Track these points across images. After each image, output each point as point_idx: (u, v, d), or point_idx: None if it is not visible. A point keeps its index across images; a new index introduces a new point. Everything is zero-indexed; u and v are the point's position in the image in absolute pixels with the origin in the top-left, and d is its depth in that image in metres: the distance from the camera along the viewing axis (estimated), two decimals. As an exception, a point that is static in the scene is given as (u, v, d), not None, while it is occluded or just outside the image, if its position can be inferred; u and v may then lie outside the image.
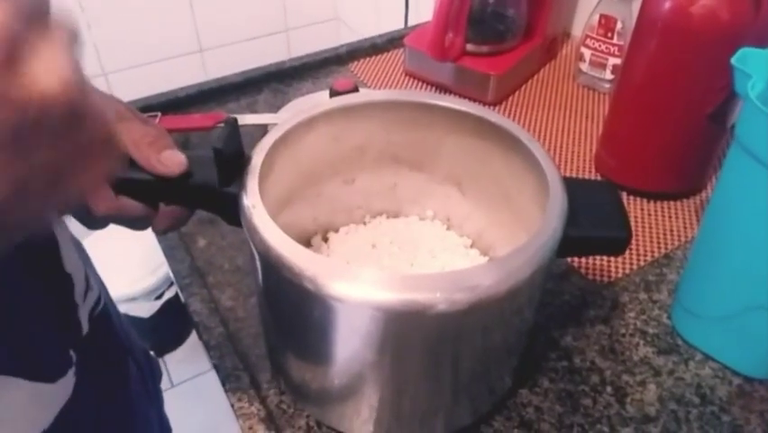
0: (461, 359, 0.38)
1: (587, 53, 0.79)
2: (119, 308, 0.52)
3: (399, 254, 0.49)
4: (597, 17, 0.76)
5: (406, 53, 0.83)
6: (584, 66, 0.80)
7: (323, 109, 0.44)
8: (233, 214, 0.38)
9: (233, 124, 0.37)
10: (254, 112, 0.77)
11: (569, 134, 0.73)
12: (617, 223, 0.40)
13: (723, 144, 0.62)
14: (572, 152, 0.71)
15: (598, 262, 0.57)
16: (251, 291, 0.54)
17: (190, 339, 1.40)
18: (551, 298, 0.54)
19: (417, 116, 0.46)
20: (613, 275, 0.56)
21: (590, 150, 0.71)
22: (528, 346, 0.45)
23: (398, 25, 1.07)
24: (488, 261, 0.49)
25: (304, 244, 0.50)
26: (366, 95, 0.47)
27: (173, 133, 0.45)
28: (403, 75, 0.84)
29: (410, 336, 0.35)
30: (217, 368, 0.47)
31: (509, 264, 0.33)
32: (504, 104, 0.79)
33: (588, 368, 0.49)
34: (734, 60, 0.42)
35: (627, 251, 0.46)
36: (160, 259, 0.78)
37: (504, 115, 0.57)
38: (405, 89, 0.81)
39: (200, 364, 1.45)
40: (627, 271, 0.57)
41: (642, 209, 0.63)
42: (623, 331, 0.51)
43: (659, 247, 0.59)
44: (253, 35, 1.41)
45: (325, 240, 0.52)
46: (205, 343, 0.49)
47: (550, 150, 0.71)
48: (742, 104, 0.42)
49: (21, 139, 0.19)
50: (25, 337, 0.33)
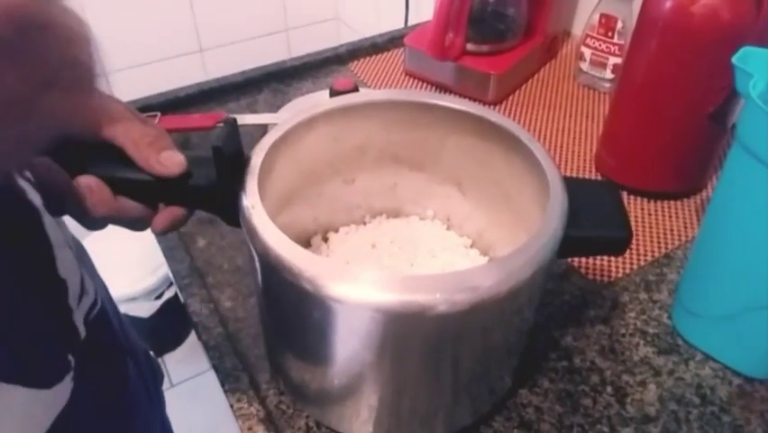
0: (461, 359, 0.38)
1: (587, 53, 0.79)
2: (119, 308, 0.52)
3: (399, 254, 0.49)
4: (597, 16, 0.76)
5: (406, 53, 0.83)
6: (584, 65, 0.80)
7: (323, 109, 0.44)
8: (232, 214, 0.38)
9: (232, 124, 0.37)
10: (254, 112, 0.77)
11: (569, 134, 0.73)
12: (617, 223, 0.40)
13: (724, 144, 0.62)
14: (572, 151, 0.71)
15: (598, 261, 0.57)
16: (250, 292, 0.54)
17: (190, 339, 1.40)
18: (551, 298, 0.54)
19: (417, 116, 0.46)
20: (613, 275, 0.56)
21: (591, 149, 0.71)
22: (528, 346, 0.45)
23: (399, 25, 1.07)
24: (488, 261, 0.49)
25: (304, 244, 0.50)
26: (366, 95, 0.46)
27: (173, 134, 0.45)
28: (403, 75, 0.84)
29: (410, 336, 0.35)
30: (216, 368, 0.47)
31: (510, 265, 0.33)
32: (504, 103, 0.78)
33: (588, 368, 0.48)
34: (735, 60, 0.42)
35: (627, 250, 0.46)
36: (159, 259, 0.77)
37: (504, 115, 0.57)
38: (405, 89, 0.81)
39: (200, 364, 1.45)
40: (628, 271, 0.56)
41: (642, 209, 0.63)
42: (623, 331, 0.51)
43: (659, 247, 0.59)
44: (253, 35, 1.41)
45: (325, 240, 0.51)
46: (205, 343, 0.49)
47: (550, 149, 0.71)
48: (743, 103, 0.42)
49: None
50: (19, 344, 0.33)
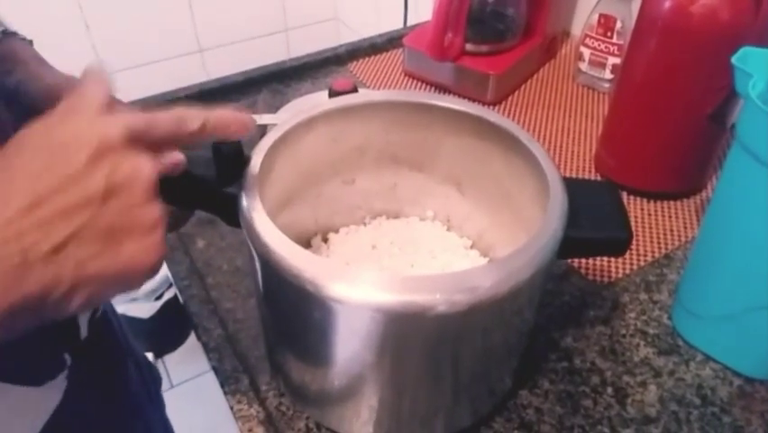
0: (461, 360, 0.38)
1: (586, 53, 0.79)
2: (119, 309, 0.52)
3: (399, 255, 0.49)
4: (596, 16, 0.76)
5: (405, 53, 0.83)
6: (584, 65, 0.80)
7: (322, 110, 0.44)
8: (232, 215, 0.38)
9: None
10: (254, 112, 0.77)
11: (568, 134, 0.73)
12: (617, 223, 0.40)
13: (723, 144, 0.62)
14: (572, 151, 0.71)
15: (598, 262, 0.57)
16: (250, 293, 0.54)
17: (190, 340, 1.40)
18: (551, 298, 0.54)
19: (417, 117, 0.46)
20: (613, 275, 0.56)
21: (590, 149, 0.71)
22: (528, 347, 0.45)
23: (398, 25, 1.07)
24: (488, 262, 0.49)
25: (304, 244, 0.50)
26: (365, 95, 0.46)
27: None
28: (402, 75, 0.84)
29: (410, 337, 0.35)
30: (216, 370, 0.47)
31: (509, 266, 0.33)
32: (503, 103, 0.78)
33: (588, 369, 0.48)
34: (734, 60, 0.42)
35: (627, 251, 0.46)
36: (159, 260, 0.77)
37: (503, 115, 0.57)
38: (404, 89, 0.81)
39: (200, 365, 1.45)
40: (627, 272, 0.56)
41: (642, 209, 0.63)
42: (623, 332, 0.51)
43: (659, 247, 0.59)
44: (253, 35, 1.41)
45: (325, 240, 0.51)
46: (205, 344, 0.49)
47: (549, 149, 0.71)
48: (742, 103, 0.42)
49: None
50: (14, 342, 0.33)
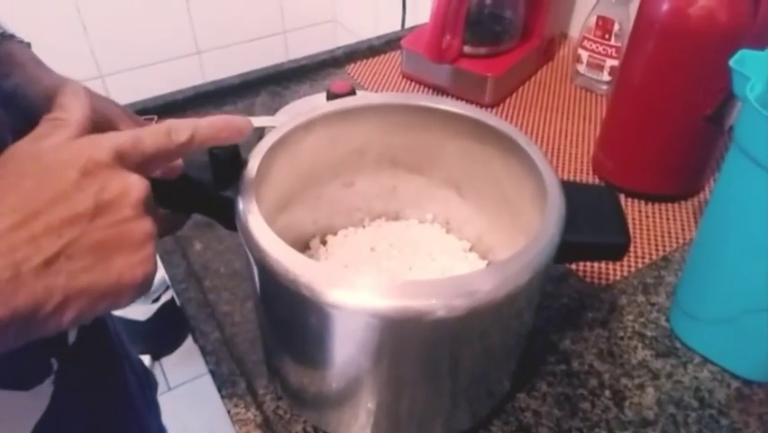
0: (459, 364, 0.38)
1: (584, 55, 0.79)
2: (116, 312, 0.52)
3: (398, 258, 0.49)
4: (594, 19, 0.76)
5: (403, 55, 0.83)
6: (581, 68, 0.80)
7: (321, 112, 0.44)
8: (229, 218, 0.38)
9: None
10: (251, 114, 0.77)
11: (566, 136, 0.73)
12: (615, 228, 0.40)
13: (721, 146, 0.62)
14: (570, 153, 0.71)
15: (595, 264, 0.57)
16: (247, 296, 0.53)
17: (187, 342, 1.40)
18: (549, 301, 0.54)
19: (416, 119, 0.46)
20: (611, 278, 0.56)
21: (588, 152, 0.71)
22: (526, 350, 0.45)
23: (396, 27, 1.07)
24: (486, 265, 0.49)
25: (302, 246, 0.50)
26: (364, 98, 0.46)
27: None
28: (400, 77, 0.84)
29: (408, 342, 0.35)
30: (213, 374, 0.47)
31: (507, 270, 0.33)
32: (501, 106, 0.78)
33: (586, 371, 0.48)
34: (732, 62, 0.42)
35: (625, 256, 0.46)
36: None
37: (501, 117, 0.57)
38: (402, 92, 0.81)
39: (197, 367, 1.44)
40: (625, 274, 0.56)
41: (639, 211, 0.63)
42: (621, 334, 0.51)
43: (657, 249, 0.59)
44: (251, 37, 1.41)
45: (324, 243, 0.51)
46: (202, 348, 0.49)
47: (547, 152, 0.71)
48: (740, 106, 0.42)
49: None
50: None
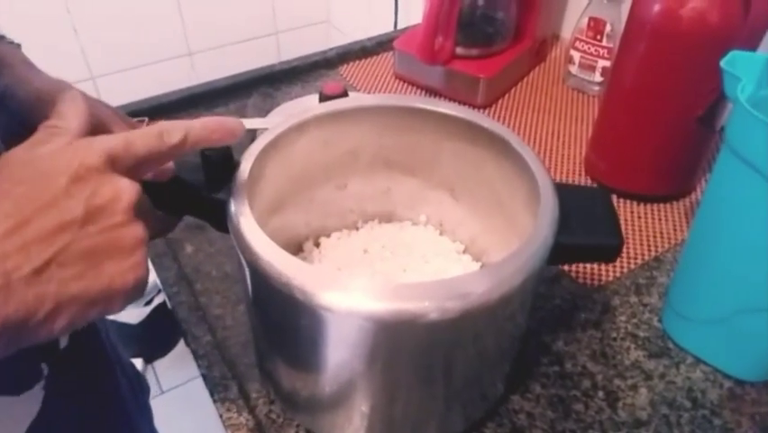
0: (453, 366, 0.38)
1: (576, 56, 0.79)
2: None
3: (392, 260, 0.49)
4: (586, 20, 0.76)
5: (395, 56, 0.83)
6: (573, 68, 0.80)
7: (314, 114, 0.44)
8: (221, 220, 0.37)
9: None
10: (243, 116, 0.76)
11: (559, 137, 0.73)
12: (608, 230, 0.40)
13: (713, 146, 0.62)
14: (562, 154, 0.71)
15: (588, 265, 0.57)
16: (239, 299, 0.53)
17: (180, 345, 1.39)
18: (542, 302, 0.54)
19: (410, 121, 0.46)
20: (603, 279, 0.56)
21: (580, 153, 0.71)
22: (520, 352, 0.45)
23: (388, 28, 1.07)
24: (479, 268, 0.49)
25: (296, 249, 0.50)
26: (357, 99, 0.46)
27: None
28: (393, 78, 0.84)
29: (402, 344, 0.35)
30: (205, 377, 0.46)
31: (501, 272, 0.33)
32: (494, 107, 0.78)
33: (579, 373, 0.48)
34: (723, 64, 0.42)
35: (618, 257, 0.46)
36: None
37: (494, 119, 0.57)
38: (396, 93, 0.81)
39: (190, 370, 1.44)
40: (618, 275, 0.56)
41: (632, 212, 0.63)
42: (614, 335, 0.51)
43: (649, 250, 0.59)
44: (243, 38, 1.40)
45: (317, 245, 0.51)
46: (194, 351, 0.48)
47: (540, 153, 0.71)
48: (731, 107, 0.42)
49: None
50: None
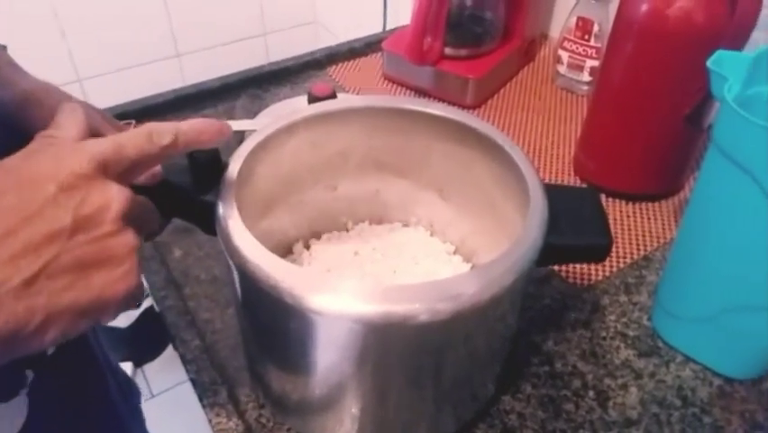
0: (443, 368, 0.38)
1: (564, 56, 0.79)
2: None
3: (382, 261, 0.49)
4: (574, 19, 0.77)
5: (384, 57, 0.82)
6: (562, 68, 0.80)
7: (303, 115, 0.43)
8: (210, 223, 0.37)
9: None
10: (232, 118, 0.76)
11: (548, 137, 0.73)
12: (597, 229, 0.40)
13: (700, 145, 0.62)
14: (551, 154, 0.71)
15: (578, 264, 0.57)
16: (228, 302, 0.53)
17: (170, 348, 1.38)
18: (531, 302, 0.54)
19: (399, 122, 0.45)
20: (593, 278, 0.56)
21: (569, 152, 0.71)
22: (510, 352, 0.44)
23: (377, 29, 1.07)
24: (469, 269, 0.49)
25: (285, 251, 0.50)
26: (347, 101, 0.46)
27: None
28: (382, 79, 0.84)
29: (392, 347, 0.35)
30: (194, 382, 0.46)
31: (490, 273, 0.33)
32: (483, 107, 0.79)
33: (569, 372, 0.48)
34: (710, 63, 0.42)
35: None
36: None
37: (483, 119, 0.57)
38: (386, 95, 0.81)
39: (179, 374, 1.42)
40: (607, 274, 0.57)
41: (621, 211, 0.63)
42: (604, 334, 0.51)
43: (638, 249, 0.59)
44: (231, 39, 1.39)
45: (307, 247, 0.51)
46: (182, 356, 0.48)
47: (529, 153, 0.71)
48: (719, 106, 0.42)
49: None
50: None
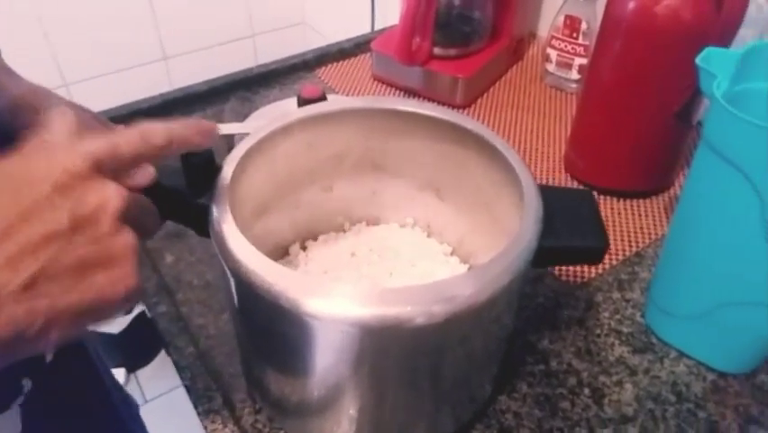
0: (440, 370, 0.37)
1: (553, 54, 0.79)
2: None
3: (379, 263, 0.49)
4: (562, 18, 0.77)
5: (373, 58, 0.82)
6: (551, 66, 0.80)
7: (298, 117, 0.43)
8: (204, 226, 0.37)
9: None
10: (221, 121, 0.75)
11: (538, 136, 0.74)
12: (593, 232, 0.40)
13: (690, 141, 0.63)
14: (542, 153, 0.71)
15: (571, 263, 0.57)
16: (221, 308, 0.52)
17: (162, 354, 1.37)
18: (525, 301, 0.54)
19: (395, 123, 0.45)
20: (586, 276, 0.56)
21: (560, 150, 0.71)
22: (506, 352, 0.45)
23: (365, 30, 1.06)
24: (466, 270, 0.49)
25: (282, 253, 0.49)
26: (342, 102, 0.46)
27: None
28: (371, 80, 0.84)
29: (388, 349, 0.35)
30: (189, 389, 0.46)
31: (486, 275, 0.33)
32: (473, 106, 0.79)
33: (565, 370, 0.49)
34: (698, 61, 0.42)
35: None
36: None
37: (473, 118, 0.57)
38: (373, 94, 0.81)
39: (172, 380, 1.42)
40: (600, 271, 0.57)
41: (612, 208, 0.64)
42: (598, 331, 0.52)
43: (630, 246, 0.59)
44: (219, 41, 1.39)
45: (304, 248, 0.51)
46: (176, 363, 0.47)
47: (520, 152, 0.71)
48: (708, 103, 0.43)
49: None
50: None
